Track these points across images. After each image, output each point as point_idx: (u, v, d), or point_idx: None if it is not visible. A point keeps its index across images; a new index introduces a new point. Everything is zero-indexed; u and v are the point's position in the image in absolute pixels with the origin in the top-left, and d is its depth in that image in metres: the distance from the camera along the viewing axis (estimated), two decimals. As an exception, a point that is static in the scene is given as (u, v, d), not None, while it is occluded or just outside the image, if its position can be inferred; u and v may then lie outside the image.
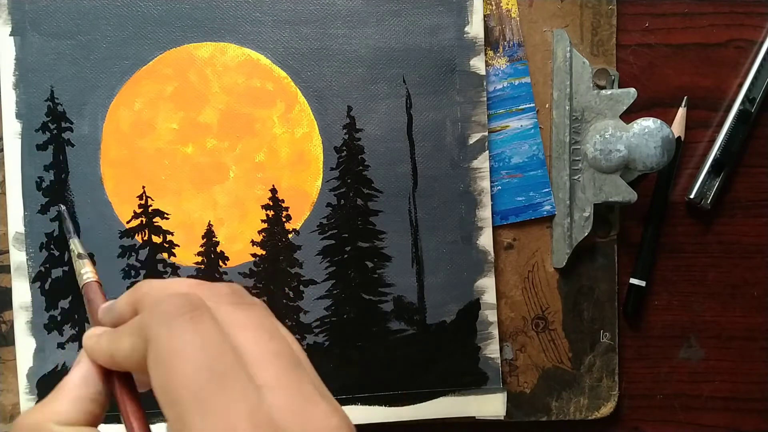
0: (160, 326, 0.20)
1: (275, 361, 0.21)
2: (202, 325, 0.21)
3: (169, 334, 0.20)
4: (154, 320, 0.21)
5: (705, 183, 0.48)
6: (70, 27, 0.44)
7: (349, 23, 0.45)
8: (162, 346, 0.20)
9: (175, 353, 0.20)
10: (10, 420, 0.45)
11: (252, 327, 0.22)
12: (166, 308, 0.21)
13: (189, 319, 0.20)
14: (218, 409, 0.19)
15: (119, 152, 0.44)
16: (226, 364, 0.20)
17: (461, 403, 0.45)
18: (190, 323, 0.20)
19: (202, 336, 0.20)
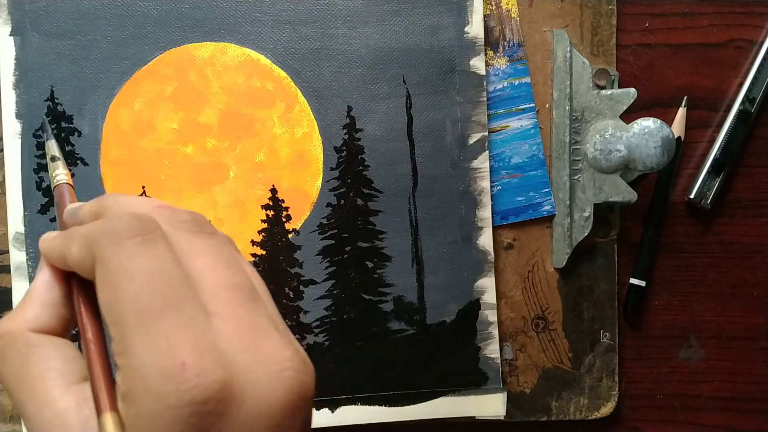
0: (108, 245, 0.20)
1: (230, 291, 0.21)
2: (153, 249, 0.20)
3: (117, 253, 0.20)
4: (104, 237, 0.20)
5: (705, 183, 0.48)
6: (70, 27, 0.44)
7: (349, 23, 0.45)
8: (109, 265, 0.20)
9: (122, 273, 0.19)
10: (10, 420, 0.45)
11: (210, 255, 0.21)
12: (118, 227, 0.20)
13: (140, 241, 0.20)
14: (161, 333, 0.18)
15: (119, 152, 0.44)
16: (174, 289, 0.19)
17: (461, 403, 0.46)
18: (140, 246, 0.20)
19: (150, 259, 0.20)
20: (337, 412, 0.45)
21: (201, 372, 0.18)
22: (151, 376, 0.18)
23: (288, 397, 0.19)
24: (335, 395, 0.45)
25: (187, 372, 0.18)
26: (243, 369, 0.19)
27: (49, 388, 0.21)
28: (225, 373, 0.18)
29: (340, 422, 0.45)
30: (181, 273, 0.20)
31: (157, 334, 0.18)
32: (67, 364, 0.22)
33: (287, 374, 0.19)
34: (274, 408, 0.19)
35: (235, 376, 0.18)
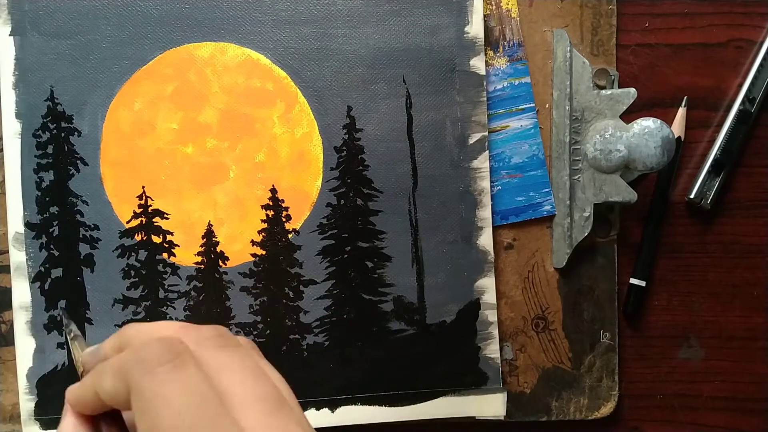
0: (142, 375, 0.21)
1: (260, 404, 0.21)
2: (185, 373, 0.21)
3: (152, 382, 0.20)
4: (136, 367, 0.21)
5: (705, 183, 0.48)
6: (70, 27, 0.44)
7: (349, 23, 0.45)
8: (145, 395, 0.20)
9: (159, 402, 0.20)
10: (10, 420, 0.45)
11: (237, 370, 0.22)
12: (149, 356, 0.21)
13: (171, 367, 0.21)
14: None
15: (119, 152, 0.44)
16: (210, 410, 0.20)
17: (461, 403, 0.45)
18: (172, 372, 0.21)
19: (184, 383, 0.20)
20: (337, 412, 0.45)
21: None
22: None
23: None
24: (335, 395, 0.45)
25: None
26: None
27: None
28: None
29: (340, 422, 0.45)
30: (213, 393, 0.21)
31: None
32: None
33: None
34: None
35: None
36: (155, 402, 0.20)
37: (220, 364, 0.22)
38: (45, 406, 0.44)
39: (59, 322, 0.44)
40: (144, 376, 0.21)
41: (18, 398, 0.44)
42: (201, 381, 0.21)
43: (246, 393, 0.21)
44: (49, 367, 0.44)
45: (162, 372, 0.21)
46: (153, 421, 0.20)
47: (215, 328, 0.24)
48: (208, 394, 0.20)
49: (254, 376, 0.22)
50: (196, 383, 0.21)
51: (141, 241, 0.44)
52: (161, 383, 0.20)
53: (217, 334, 0.23)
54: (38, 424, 0.44)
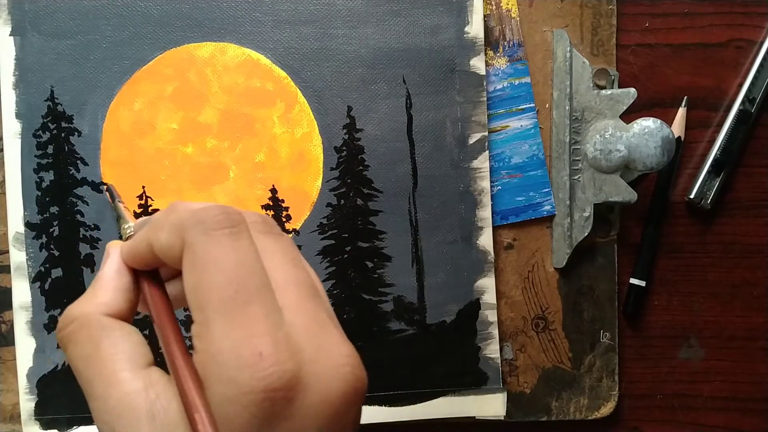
0: (199, 234, 0.21)
1: (296, 288, 0.22)
2: (240, 242, 0.21)
3: (207, 242, 0.21)
4: (195, 226, 0.21)
5: (705, 183, 0.48)
6: (70, 27, 0.44)
7: (349, 23, 0.45)
8: (199, 252, 0.21)
9: (211, 262, 0.20)
10: (10, 420, 0.45)
11: (279, 254, 0.23)
12: (209, 219, 0.21)
13: (228, 233, 0.21)
14: (242, 322, 0.19)
15: (119, 152, 0.44)
16: (256, 282, 0.21)
17: (461, 403, 0.45)
18: (228, 237, 0.21)
19: (238, 251, 0.21)
20: (337, 412, 0.45)
21: (276, 362, 0.19)
22: (229, 364, 0.19)
23: (346, 389, 0.20)
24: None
25: (264, 362, 0.19)
26: (309, 360, 0.20)
27: (118, 370, 0.22)
28: (295, 363, 0.20)
29: (340, 422, 0.45)
30: (261, 266, 0.21)
31: (238, 323, 0.19)
32: (134, 348, 0.23)
33: (346, 369, 0.21)
34: (334, 398, 0.20)
35: (303, 366, 0.20)
36: (207, 260, 0.20)
37: (263, 247, 0.22)
38: (45, 406, 0.44)
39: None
40: (200, 236, 0.21)
41: (18, 398, 0.44)
42: (253, 253, 0.21)
43: (285, 276, 0.22)
44: (49, 367, 0.44)
45: (218, 235, 0.21)
46: (201, 277, 0.20)
47: (260, 215, 0.24)
48: (257, 267, 0.21)
49: (293, 262, 0.23)
50: (249, 254, 0.21)
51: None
52: (216, 245, 0.21)
53: (263, 221, 0.24)
54: (38, 424, 0.44)
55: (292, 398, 0.19)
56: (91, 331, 0.23)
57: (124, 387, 0.21)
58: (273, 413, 0.19)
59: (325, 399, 0.20)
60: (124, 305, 0.24)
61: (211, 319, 0.20)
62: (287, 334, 0.20)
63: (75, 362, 0.23)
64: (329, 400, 0.20)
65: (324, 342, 0.21)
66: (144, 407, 0.21)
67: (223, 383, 0.19)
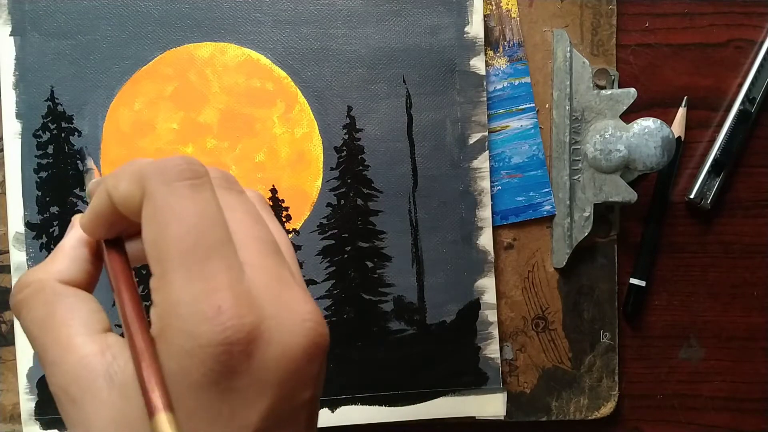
0: (159, 184, 0.21)
1: (258, 245, 0.22)
2: (202, 195, 0.21)
3: (167, 192, 0.20)
4: (155, 176, 0.21)
5: (705, 183, 0.48)
6: (70, 27, 0.44)
7: (349, 23, 0.45)
8: (159, 203, 0.20)
9: (171, 213, 0.20)
10: (10, 420, 0.45)
11: (240, 211, 0.22)
12: (170, 168, 0.21)
13: (189, 184, 0.21)
14: (202, 274, 0.19)
15: (119, 152, 0.44)
16: (217, 235, 0.20)
17: (461, 403, 0.45)
18: (190, 188, 0.21)
19: (199, 202, 0.20)
20: (337, 412, 0.45)
21: (235, 315, 0.19)
22: (188, 317, 0.19)
23: (308, 344, 0.20)
24: (335, 395, 0.45)
25: (223, 315, 0.19)
26: (269, 315, 0.20)
27: (73, 335, 0.22)
28: (255, 317, 0.19)
29: (340, 422, 0.45)
30: (224, 220, 0.21)
31: (198, 275, 0.19)
32: (90, 314, 0.22)
33: (308, 325, 0.20)
34: (296, 353, 0.20)
35: (263, 320, 0.20)
36: (166, 212, 0.20)
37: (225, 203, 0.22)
38: (45, 406, 0.44)
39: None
40: (161, 185, 0.20)
41: (18, 398, 0.44)
42: (215, 206, 0.21)
43: (245, 232, 0.22)
44: (49, 367, 0.44)
45: (180, 186, 0.20)
46: (161, 232, 0.20)
47: (222, 171, 0.24)
48: (218, 220, 0.21)
49: (254, 219, 0.23)
50: (211, 206, 0.21)
51: (141, 241, 0.44)
52: (177, 196, 0.20)
53: (224, 176, 0.24)
54: (38, 424, 0.44)
55: (251, 352, 0.19)
56: (46, 296, 0.23)
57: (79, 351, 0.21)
58: (231, 367, 0.19)
59: (286, 353, 0.20)
60: (80, 275, 0.24)
61: (170, 271, 0.19)
62: (247, 288, 0.20)
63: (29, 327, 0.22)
64: (289, 354, 0.20)
65: (285, 299, 0.21)
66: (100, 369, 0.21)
67: (181, 336, 0.19)
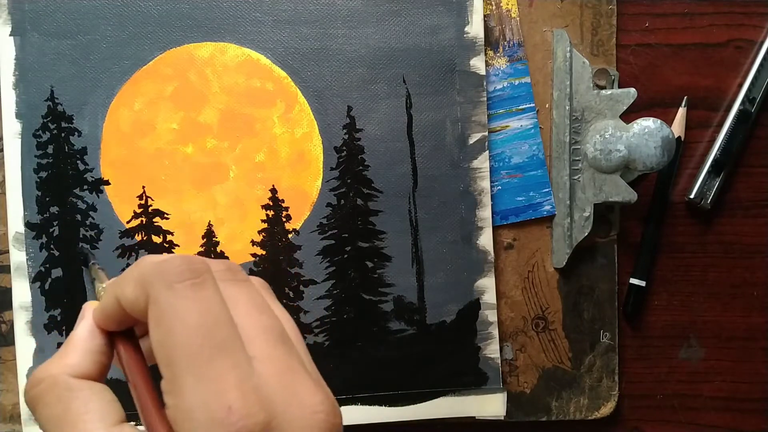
0: (162, 287, 0.21)
1: (265, 336, 0.22)
2: (204, 293, 0.21)
3: (170, 295, 0.21)
4: (157, 280, 0.21)
5: (705, 183, 0.48)
6: (70, 27, 0.44)
7: (349, 23, 0.45)
8: (163, 307, 0.21)
9: (175, 317, 0.20)
10: (10, 420, 0.45)
11: (244, 302, 0.23)
12: (170, 269, 0.21)
13: (190, 285, 0.21)
14: (211, 375, 0.19)
15: (119, 152, 0.44)
16: (222, 332, 0.20)
17: (461, 403, 0.45)
18: (191, 289, 0.21)
19: (202, 303, 0.21)
20: (337, 412, 0.45)
21: (246, 415, 0.19)
22: (200, 418, 0.19)
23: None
24: (335, 395, 0.45)
25: (234, 415, 0.19)
26: (280, 410, 0.20)
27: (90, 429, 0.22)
28: (266, 415, 0.20)
29: (340, 422, 0.45)
30: (228, 317, 0.21)
31: (207, 377, 0.20)
32: (105, 406, 0.23)
33: (319, 417, 0.21)
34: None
35: (274, 417, 0.20)
36: (171, 316, 0.20)
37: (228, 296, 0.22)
38: (45, 406, 0.44)
39: (59, 321, 0.44)
40: (163, 289, 0.21)
41: (18, 398, 0.44)
42: (218, 303, 0.21)
43: (252, 324, 0.22)
44: (49, 367, 0.44)
45: (181, 288, 0.21)
46: (166, 334, 0.20)
47: (224, 262, 0.24)
48: (222, 318, 0.21)
49: (259, 309, 0.23)
50: (213, 304, 0.21)
51: (141, 241, 0.44)
52: (179, 298, 0.21)
53: (226, 268, 0.24)
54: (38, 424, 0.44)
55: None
56: (60, 392, 0.23)
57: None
58: None
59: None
60: (92, 367, 0.24)
61: (179, 374, 0.20)
62: (257, 385, 0.20)
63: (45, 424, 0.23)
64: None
65: (296, 390, 0.21)
66: None
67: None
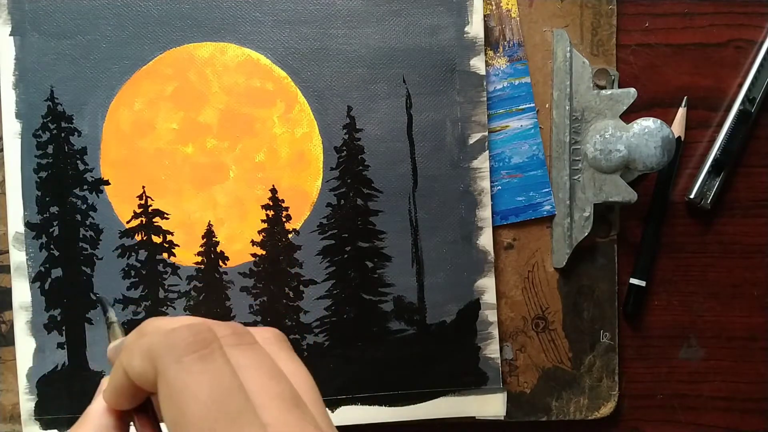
0: (170, 362, 0.21)
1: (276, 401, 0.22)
2: (213, 364, 0.21)
3: (179, 371, 0.21)
4: (165, 353, 0.21)
5: (705, 183, 0.48)
6: (70, 27, 0.44)
7: (349, 23, 0.45)
8: (172, 383, 0.21)
9: (187, 393, 0.20)
10: (10, 420, 0.45)
11: (254, 367, 0.22)
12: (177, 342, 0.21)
13: (199, 357, 0.21)
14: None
15: (119, 152, 0.44)
16: (235, 405, 0.20)
17: (461, 403, 0.45)
18: (200, 362, 0.21)
19: (212, 375, 0.21)
20: (337, 412, 0.45)
21: None
22: None
23: None
24: (335, 395, 0.45)
25: None
26: None
27: None
28: None
29: (340, 422, 0.45)
30: (239, 386, 0.21)
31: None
32: None
33: None
34: None
35: None
36: (182, 392, 0.20)
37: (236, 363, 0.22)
38: (45, 406, 0.44)
39: (59, 321, 0.44)
40: (172, 364, 0.21)
41: (18, 398, 0.44)
42: (228, 374, 0.21)
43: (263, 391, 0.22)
44: (49, 367, 0.44)
45: (190, 361, 0.21)
46: (179, 411, 0.20)
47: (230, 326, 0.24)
48: (234, 388, 0.21)
49: (269, 374, 0.22)
50: (223, 375, 0.21)
51: (141, 241, 0.44)
52: (189, 373, 0.20)
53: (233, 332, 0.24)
54: (38, 424, 0.44)
55: None
56: None
57: None
58: None
59: None
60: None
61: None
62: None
63: None
64: None
65: None
66: None
67: None
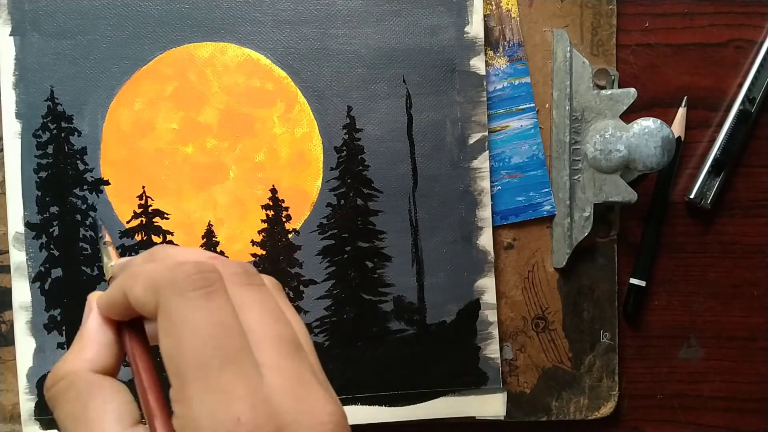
0: (173, 295, 0.21)
1: (276, 344, 0.22)
2: (215, 302, 0.21)
3: (181, 304, 0.21)
4: (169, 287, 0.21)
5: (705, 183, 0.48)
6: (70, 27, 0.44)
7: (349, 23, 0.45)
8: (173, 315, 0.21)
9: (185, 326, 0.20)
10: (10, 420, 0.45)
11: (257, 308, 0.22)
12: (182, 277, 0.21)
13: (202, 294, 0.21)
14: (219, 387, 0.19)
15: (119, 152, 0.44)
16: (233, 343, 0.20)
17: (461, 403, 0.45)
18: (202, 298, 0.21)
19: (212, 312, 0.21)
20: (337, 412, 0.45)
21: (254, 426, 0.19)
22: (208, 429, 0.19)
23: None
24: (335, 395, 0.45)
25: (242, 427, 0.19)
26: (289, 421, 0.20)
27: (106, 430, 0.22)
28: (274, 427, 0.19)
29: (340, 422, 0.45)
30: (239, 326, 0.21)
31: (215, 387, 0.19)
32: (121, 407, 0.23)
33: (329, 428, 0.21)
34: None
35: (283, 427, 0.20)
36: (181, 325, 0.20)
37: (242, 301, 0.22)
38: (45, 406, 0.44)
39: (59, 321, 0.44)
40: (174, 297, 0.21)
41: (18, 398, 0.44)
42: (229, 313, 0.21)
43: (264, 331, 0.22)
44: (49, 366, 0.44)
45: (193, 297, 0.21)
46: (177, 345, 0.20)
47: (241, 265, 0.24)
48: (233, 327, 0.21)
49: (273, 316, 0.23)
50: (224, 314, 0.21)
51: (141, 241, 0.44)
52: (190, 308, 0.21)
53: (243, 271, 0.24)
54: (38, 424, 0.44)
55: None
56: (80, 389, 0.23)
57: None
58: None
59: None
60: (110, 360, 0.24)
61: (188, 384, 0.20)
62: (266, 396, 0.20)
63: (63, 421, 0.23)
64: None
65: (305, 401, 0.21)
66: None
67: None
